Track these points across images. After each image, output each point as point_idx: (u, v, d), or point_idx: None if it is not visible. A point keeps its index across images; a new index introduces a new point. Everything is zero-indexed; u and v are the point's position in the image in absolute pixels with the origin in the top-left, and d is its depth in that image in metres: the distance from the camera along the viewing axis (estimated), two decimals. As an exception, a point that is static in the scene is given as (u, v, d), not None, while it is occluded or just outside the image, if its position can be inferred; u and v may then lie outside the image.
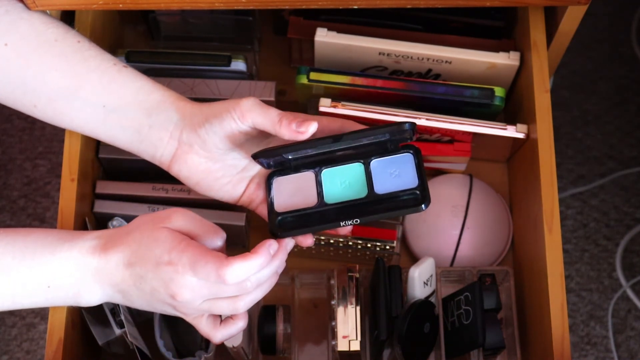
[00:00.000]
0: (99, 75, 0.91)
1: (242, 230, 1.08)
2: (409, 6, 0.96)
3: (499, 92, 1.05)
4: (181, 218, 0.83)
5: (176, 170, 0.91)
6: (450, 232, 1.13)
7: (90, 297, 0.85)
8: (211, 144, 0.88)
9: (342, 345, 0.99)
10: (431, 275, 1.03)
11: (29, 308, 0.93)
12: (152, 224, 0.83)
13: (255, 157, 0.87)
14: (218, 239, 0.84)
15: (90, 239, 0.85)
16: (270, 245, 0.82)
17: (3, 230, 0.86)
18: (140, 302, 0.85)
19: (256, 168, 0.91)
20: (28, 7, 0.93)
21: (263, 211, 0.91)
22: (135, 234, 0.83)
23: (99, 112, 0.91)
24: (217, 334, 0.86)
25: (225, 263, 0.79)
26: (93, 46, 0.93)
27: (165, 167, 0.92)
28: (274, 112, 0.85)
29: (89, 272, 0.84)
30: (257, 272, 0.81)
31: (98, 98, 0.90)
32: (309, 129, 0.83)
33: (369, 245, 1.09)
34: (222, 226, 0.88)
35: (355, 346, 0.99)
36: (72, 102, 0.91)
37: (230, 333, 0.86)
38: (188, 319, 0.86)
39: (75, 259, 0.84)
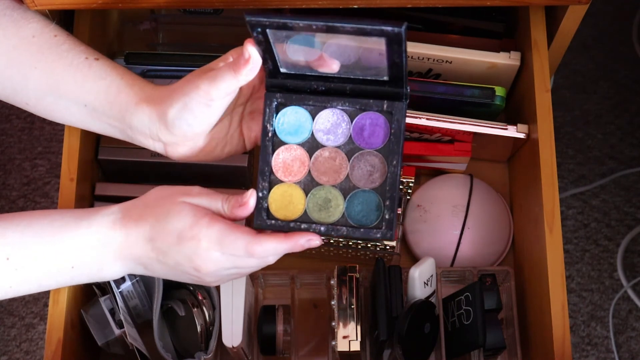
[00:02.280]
0: (73, 72, 0.90)
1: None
2: (409, 6, 0.96)
3: (499, 91, 1.04)
4: (199, 196, 0.84)
5: (176, 159, 0.91)
6: (451, 232, 1.13)
7: (113, 272, 0.86)
8: (192, 133, 0.87)
9: (342, 346, 0.99)
10: (431, 276, 1.02)
11: (55, 288, 0.96)
12: (171, 198, 0.84)
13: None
14: (225, 201, 0.85)
15: (107, 214, 0.85)
16: (310, 239, 0.83)
17: (12, 215, 0.86)
18: (163, 274, 0.86)
19: (238, 114, 0.90)
20: (27, 7, 0.93)
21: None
22: (154, 208, 0.84)
23: (83, 111, 0.91)
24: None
25: (256, 240, 0.81)
26: (68, 39, 0.92)
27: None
28: (224, 70, 0.83)
29: (110, 248, 0.84)
30: (283, 253, 0.84)
31: (78, 97, 0.90)
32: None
33: (369, 245, 1.08)
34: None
35: (355, 346, 0.99)
36: (58, 101, 0.91)
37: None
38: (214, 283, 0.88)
39: (95, 236, 0.84)
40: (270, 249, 0.82)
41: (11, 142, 1.62)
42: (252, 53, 0.82)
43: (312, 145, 0.88)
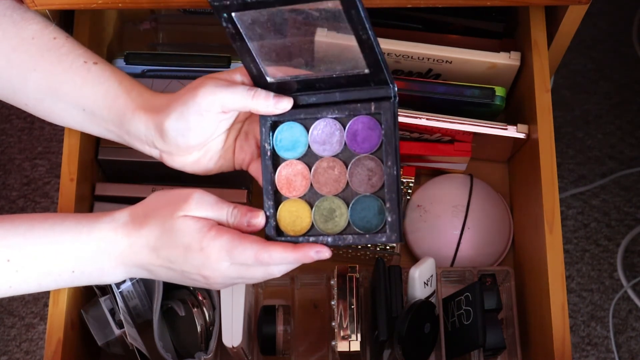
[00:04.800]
0: (71, 75, 0.90)
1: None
2: (409, 6, 0.96)
3: (499, 91, 1.04)
4: (197, 206, 0.83)
5: (169, 165, 0.91)
6: (451, 232, 1.13)
7: (115, 276, 0.86)
8: (185, 145, 0.87)
9: (342, 346, 0.99)
10: (431, 276, 1.02)
11: (55, 289, 0.97)
12: (171, 209, 0.83)
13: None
14: (231, 216, 0.85)
15: (108, 221, 0.85)
16: (319, 251, 0.83)
17: (13, 217, 0.86)
18: (168, 278, 0.86)
19: (236, 130, 0.90)
20: (27, 7, 0.93)
21: (253, 170, 0.91)
22: (155, 218, 0.83)
23: (82, 115, 0.91)
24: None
25: (265, 249, 0.82)
26: (68, 41, 0.92)
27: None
28: (241, 88, 0.84)
29: (111, 255, 0.84)
30: (291, 264, 0.84)
31: (76, 101, 0.90)
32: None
33: (369, 245, 1.08)
34: None
35: (355, 346, 0.99)
36: (57, 103, 0.91)
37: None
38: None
39: (95, 243, 0.84)
40: (278, 258, 0.82)
41: (11, 142, 1.62)
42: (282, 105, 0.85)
43: (310, 158, 0.88)
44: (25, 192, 1.59)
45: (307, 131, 0.88)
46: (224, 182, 1.09)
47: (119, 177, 1.12)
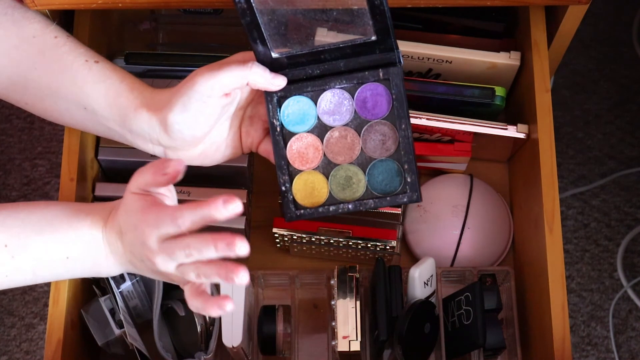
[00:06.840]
0: (72, 74, 0.90)
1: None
2: (409, 6, 0.96)
3: (499, 91, 1.05)
4: (134, 178, 0.81)
5: None
6: (451, 232, 1.13)
7: (109, 269, 0.86)
8: (192, 137, 0.87)
9: (342, 346, 0.99)
10: (431, 276, 1.02)
11: (50, 281, 0.93)
12: (127, 190, 0.82)
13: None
14: (165, 169, 0.80)
15: (100, 211, 0.85)
16: (227, 200, 0.75)
17: (15, 204, 0.86)
18: (143, 271, 0.84)
19: (238, 118, 0.90)
20: (27, 7, 0.93)
21: (263, 150, 0.91)
22: (121, 203, 0.83)
23: (83, 114, 0.91)
24: (191, 302, 0.80)
25: (178, 209, 0.77)
26: (69, 40, 0.92)
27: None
28: (235, 64, 0.83)
29: (102, 245, 0.85)
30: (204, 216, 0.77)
31: (77, 99, 0.90)
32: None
33: (369, 245, 1.08)
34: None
35: (356, 346, 0.99)
36: (58, 102, 0.91)
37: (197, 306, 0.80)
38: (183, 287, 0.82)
39: (88, 231, 0.84)
40: (190, 209, 0.76)
41: (11, 142, 1.62)
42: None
43: (321, 129, 0.89)
44: (25, 192, 1.59)
45: (315, 103, 0.89)
46: (224, 182, 1.09)
47: (119, 177, 1.12)
